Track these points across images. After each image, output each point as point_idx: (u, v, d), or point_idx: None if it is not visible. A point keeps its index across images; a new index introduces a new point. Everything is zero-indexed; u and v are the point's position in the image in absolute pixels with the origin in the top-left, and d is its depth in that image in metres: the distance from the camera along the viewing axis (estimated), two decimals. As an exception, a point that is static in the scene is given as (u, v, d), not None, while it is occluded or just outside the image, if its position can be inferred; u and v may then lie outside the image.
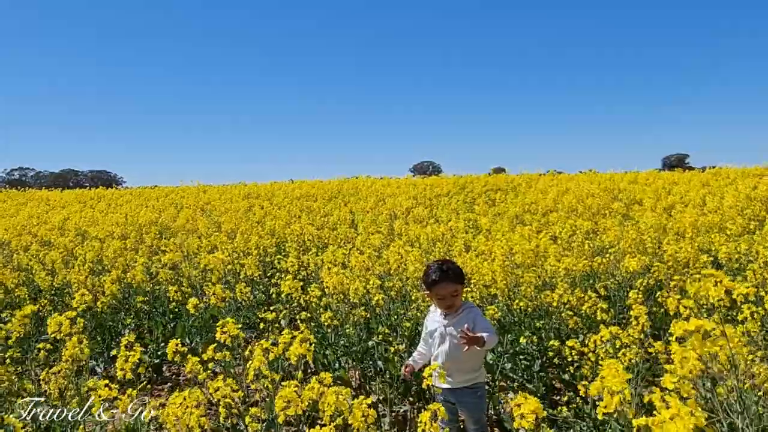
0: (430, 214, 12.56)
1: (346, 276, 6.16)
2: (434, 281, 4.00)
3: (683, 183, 15.19)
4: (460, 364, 4.07)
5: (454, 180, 20.18)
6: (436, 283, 4.00)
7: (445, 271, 4.01)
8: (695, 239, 6.02)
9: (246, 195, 18.02)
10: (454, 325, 4.05)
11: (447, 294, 4.01)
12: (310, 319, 6.11)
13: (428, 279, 4.05)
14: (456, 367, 4.06)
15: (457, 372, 4.08)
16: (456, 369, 4.06)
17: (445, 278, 3.99)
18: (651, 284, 5.64)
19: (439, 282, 3.99)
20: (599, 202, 10.94)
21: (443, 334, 4.12)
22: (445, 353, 4.11)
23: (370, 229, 9.96)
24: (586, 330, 5.88)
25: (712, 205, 10.20)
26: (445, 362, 4.10)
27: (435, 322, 4.20)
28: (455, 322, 4.06)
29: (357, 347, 5.76)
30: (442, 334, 4.13)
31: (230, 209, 13.36)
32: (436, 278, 3.99)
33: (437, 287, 4.01)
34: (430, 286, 4.04)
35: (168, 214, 13.04)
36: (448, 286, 3.97)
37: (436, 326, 4.17)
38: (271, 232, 10.29)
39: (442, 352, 4.13)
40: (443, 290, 4.01)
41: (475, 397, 4.18)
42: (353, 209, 13.29)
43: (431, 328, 4.22)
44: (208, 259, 6.21)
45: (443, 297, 4.04)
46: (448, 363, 4.05)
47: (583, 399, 4.85)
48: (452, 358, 4.07)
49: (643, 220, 6.69)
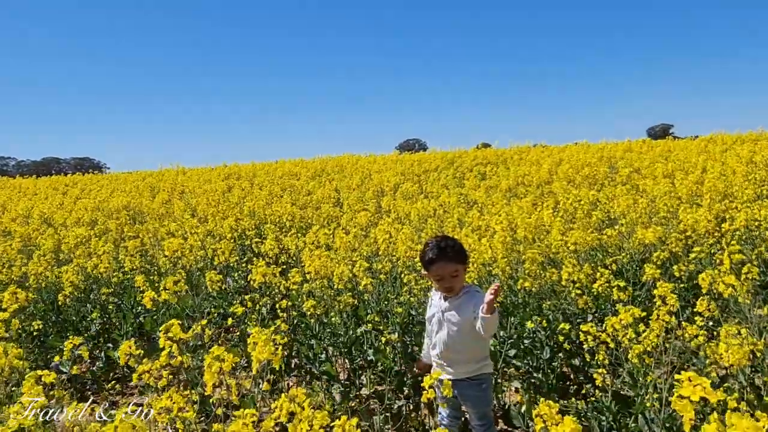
0: (420, 190, 11.96)
1: (330, 258, 5.55)
2: (431, 260, 3.49)
3: (679, 150, 14.68)
4: (460, 353, 3.61)
5: (442, 155, 19.49)
6: (433, 262, 3.49)
7: (443, 249, 3.49)
8: (713, 207, 5.45)
9: (226, 176, 17.29)
10: (454, 309, 3.56)
11: (446, 275, 3.50)
12: (291, 307, 5.51)
13: (425, 258, 3.55)
14: (456, 357, 3.62)
15: (458, 362, 3.63)
16: (456, 359, 3.63)
17: (443, 257, 3.48)
18: (665, 257, 5.07)
19: (436, 261, 3.48)
20: (597, 171, 10.39)
21: (440, 320, 3.63)
22: (442, 342, 3.61)
23: (356, 207, 9.33)
24: (594, 309, 5.32)
25: (715, 171, 9.66)
26: (443, 351, 3.62)
27: (433, 306, 3.71)
28: (455, 306, 3.56)
29: (344, 338, 5.17)
30: (439, 319, 3.64)
31: (208, 191, 12.66)
32: (434, 257, 3.48)
33: (435, 267, 3.50)
34: (427, 265, 3.54)
35: (142, 198, 12.34)
36: (446, 266, 3.49)
37: (434, 311, 3.67)
38: (251, 213, 9.63)
39: (439, 341, 3.64)
40: (441, 270, 3.49)
41: (480, 390, 3.68)
42: (338, 187, 12.64)
43: (429, 313, 3.75)
44: (167, 243, 5.54)
45: (441, 278, 3.52)
46: (447, 352, 3.62)
47: (599, 388, 4.31)
48: (451, 347, 3.60)
49: (657, 188, 6.13)
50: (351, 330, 5.30)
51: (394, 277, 5.44)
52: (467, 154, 19.89)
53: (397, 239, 5.37)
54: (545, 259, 5.42)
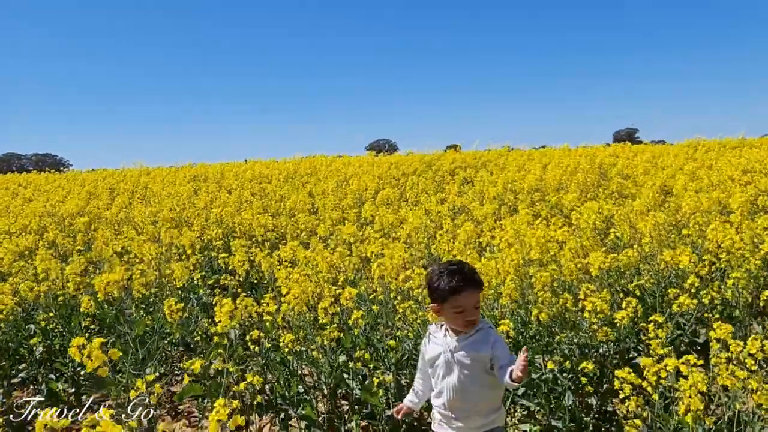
0: (400, 195, 11.23)
1: (311, 279, 4.78)
2: (456, 289, 2.81)
3: (665, 156, 14.22)
4: (472, 402, 2.94)
5: (419, 157, 18.79)
6: (459, 291, 2.82)
7: (470, 275, 2.87)
8: (746, 226, 4.83)
9: (192, 177, 16.28)
10: (466, 348, 2.89)
11: (469, 306, 2.86)
12: (265, 336, 4.71)
13: (442, 286, 2.85)
14: (467, 407, 2.94)
15: (470, 414, 2.95)
16: (467, 409, 2.94)
17: (470, 284, 2.85)
18: (698, 284, 4.41)
19: (464, 289, 2.82)
20: (588, 177, 9.80)
21: (450, 361, 2.92)
22: (452, 388, 2.92)
23: (334, 215, 8.55)
24: (616, 343, 4.64)
25: (714, 179, 9.14)
26: (452, 400, 2.93)
27: (437, 345, 2.99)
28: (468, 345, 2.90)
29: (328, 378, 4.39)
30: (448, 361, 2.92)
31: (173, 194, 11.72)
32: (460, 284, 2.81)
33: (460, 297, 2.83)
34: (448, 295, 2.84)
35: (99, 201, 11.35)
36: (473, 296, 2.87)
37: (440, 351, 2.96)
38: (218, 221, 8.78)
39: (448, 387, 2.93)
40: (466, 301, 2.84)
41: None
42: (313, 191, 11.82)
43: (432, 354, 3.00)
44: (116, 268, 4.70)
45: (463, 310, 2.85)
46: (457, 401, 2.93)
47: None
48: (463, 396, 2.92)
49: (685, 201, 5.50)
50: (335, 366, 4.53)
51: (387, 309, 4.67)
52: (445, 156, 19.23)
53: (387, 260, 4.59)
54: (557, 283, 4.72)
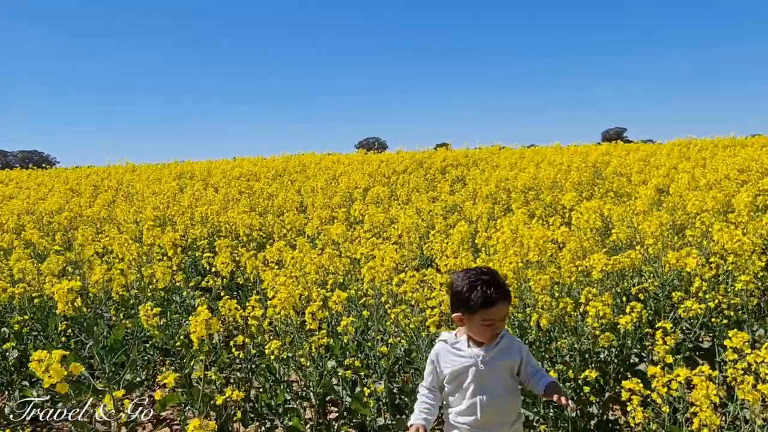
0: (391, 194, 10.98)
1: (299, 282, 4.53)
2: (491, 300, 2.62)
3: (658, 155, 14.08)
4: (503, 414, 2.79)
5: (410, 155, 18.55)
6: (493, 304, 2.63)
7: (504, 287, 2.69)
8: (752, 227, 4.64)
9: (178, 175, 15.95)
10: (497, 358, 2.74)
11: (499, 318, 2.69)
12: (250, 342, 4.46)
13: (474, 298, 2.64)
14: (498, 420, 2.77)
15: (499, 426, 2.78)
16: (498, 422, 2.77)
17: (504, 297, 2.68)
18: (705, 287, 4.20)
19: (497, 302, 2.64)
20: (585, 176, 9.60)
21: (481, 373, 2.72)
22: (486, 401, 2.72)
23: (322, 213, 8.29)
24: (618, 349, 4.43)
25: (711, 177, 8.97)
26: (487, 415, 2.72)
27: (461, 357, 2.76)
28: (498, 354, 2.74)
29: (316, 387, 4.15)
30: (479, 374, 2.72)
31: (158, 192, 11.41)
32: (496, 296, 2.63)
33: (491, 310, 2.64)
34: (479, 308, 2.64)
35: (81, 199, 11.01)
36: (504, 308, 2.71)
37: (467, 364, 2.74)
38: (203, 220, 8.49)
39: (482, 401, 2.72)
40: (498, 314, 2.67)
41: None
42: (302, 189, 11.55)
43: (455, 367, 2.77)
44: (96, 267, 4.42)
45: (492, 323, 2.67)
46: (489, 416, 2.73)
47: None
48: (495, 409, 2.74)
49: (691, 201, 5.30)
50: (323, 374, 4.29)
51: (379, 315, 4.43)
52: (436, 154, 19.01)
53: (377, 262, 4.34)
54: (557, 287, 4.50)
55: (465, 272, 2.78)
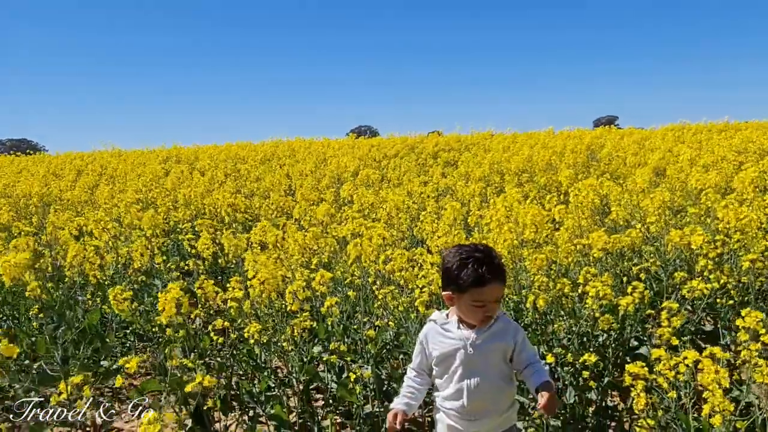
0: (381, 177, 10.72)
1: (282, 262, 4.28)
2: (483, 280, 2.40)
3: (653, 138, 13.87)
4: (493, 401, 2.58)
5: (402, 140, 18.27)
6: (485, 284, 2.41)
7: (498, 266, 2.46)
8: (758, 204, 4.41)
9: (165, 159, 15.62)
10: (488, 341, 2.53)
11: (492, 300, 2.47)
12: (230, 327, 4.21)
13: (464, 276, 2.43)
14: (488, 407, 2.57)
15: (489, 413, 2.58)
16: (488, 410, 2.57)
17: (498, 277, 2.45)
18: (711, 266, 3.98)
19: (489, 282, 2.42)
20: (580, 158, 9.38)
21: (472, 358, 2.52)
22: (476, 389, 2.52)
23: (310, 196, 8.03)
24: (618, 332, 4.21)
25: (708, 159, 8.76)
26: (475, 401, 2.53)
27: (450, 339, 2.57)
28: (490, 337, 2.53)
29: (300, 373, 3.90)
30: (470, 358, 2.52)
31: (143, 173, 11.08)
32: (489, 276, 2.41)
33: (482, 291, 2.43)
34: (469, 287, 2.43)
35: (62, 182, 10.68)
36: (497, 289, 2.48)
37: (456, 347, 2.54)
38: (187, 203, 8.20)
39: (470, 386, 2.53)
40: (490, 294, 2.45)
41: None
42: (290, 173, 11.25)
43: (444, 350, 2.58)
44: (71, 248, 4.14)
45: (484, 304, 2.45)
46: (478, 402, 2.54)
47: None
48: (484, 396, 2.54)
49: (694, 177, 5.08)
50: (307, 359, 4.05)
51: (364, 294, 4.19)
52: (428, 139, 18.74)
53: (365, 241, 4.09)
54: (554, 267, 4.28)
55: (458, 248, 2.56)
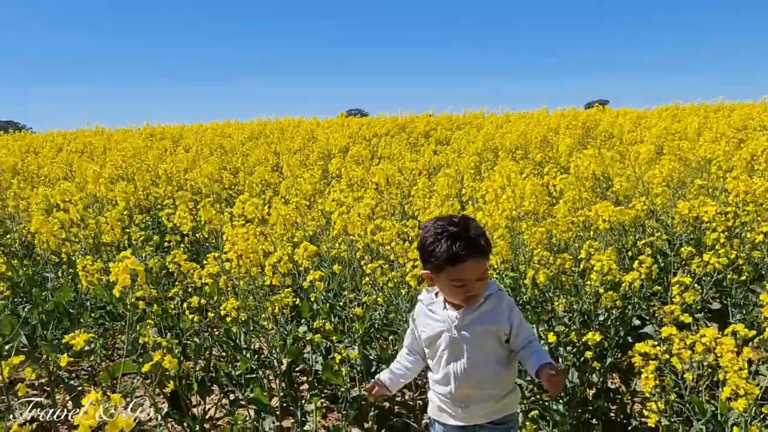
0: (372, 155, 10.40)
1: (264, 235, 3.97)
2: (457, 257, 2.13)
3: (649, 117, 13.61)
4: (484, 387, 2.33)
5: (393, 119, 17.90)
6: (459, 261, 2.14)
7: (475, 240, 2.16)
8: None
9: (149, 136, 15.21)
10: (475, 323, 2.28)
11: (472, 279, 2.19)
12: (205, 307, 3.92)
13: (438, 253, 2.17)
14: (477, 394, 2.33)
15: (479, 400, 2.34)
16: (477, 396, 2.34)
17: (476, 251, 2.16)
18: (722, 239, 3.72)
19: (466, 259, 2.14)
20: (576, 134, 9.10)
21: (456, 341, 2.30)
22: (462, 375, 2.30)
23: (298, 172, 7.72)
24: (621, 310, 3.94)
25: (707, 136, 8.51)
26: (460, 387, 2.30)
27: (437, 321, 2.35)
28: (477, 318, 2.28)
29: (281, 354, 3.62)
30: (454, 341, 2.30)
31: (124, 149, 10.68)
32: (462, 252, 2.13)
33: (459, 269, 2.16)
34: (444, 265, 2.17)
35: (40, 159, 10.29)
36: (477, 266, 2.18)
37: (440, 329, 2.33)
38: (168, 179, 7.87)
39: (456, 372, 2.31)
40: (469, 273, 2.17)
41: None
42: (278, 150, 10.90)
43: (430, 332, 2.37)
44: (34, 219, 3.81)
45: (464, 283, 2.19)
46: (469, 389, 2.32)
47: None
48: (474, 381, 2.31)
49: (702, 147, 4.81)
50: (290, 338, 3.77)
51: (351, 268, 3.90)
52: (419, 119, 18.36)
53: (359, 212, 3.80)
54: (554, 240, 4.01)
55: (434, 220, 2.30)
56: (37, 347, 4.73)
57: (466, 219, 2.27)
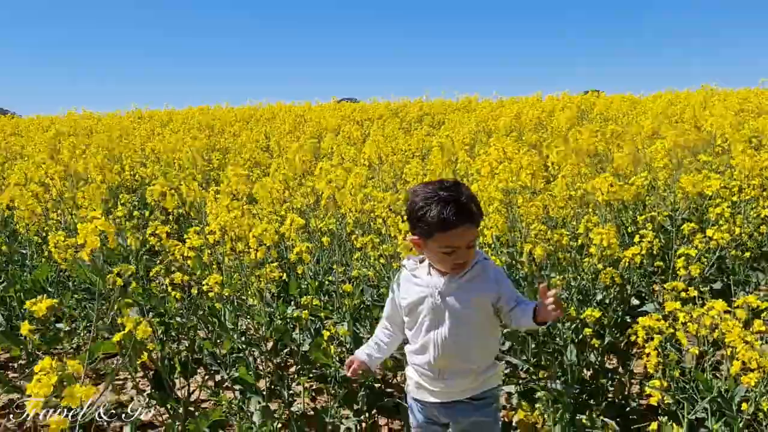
0: (364, 137, 10.22)
1: (250, 211, 3.81)
2: (447, 223, 2.04)
3: (645, 101, 13.51)
4: (465, 359, 2.24)
5: (385, 104, 17.70)
6: (450, 227, 2.05)
7: (465, 206, 2.07)
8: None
9: (137, 119, 14.93)
10: (460, 290, 2.18)
11: (462, 246, 2.10)
12: (189, 284, 3.76)
13: (429, 218, 2.07)
14: (458, 366, 2.24)
15: (460, 373, 2.25)
16: (458, 368, 2.24)
17: (466, 218, 2.08)
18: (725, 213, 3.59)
19: (457, 225, 2.05)
20: (571, 115, 8.95)
21: (439, 308, 2.20)
22: (442, 343, 2.20)
23: (289, 152, 7.54)
24: (620, 287, 3.81)
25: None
26: (442, 357, 2.21)
27: (419, 287, 2.25)
28: (463, 286, 2.18)
29: (267, 331, 3.47)
30: (436, 308, 2.21)
31: (111, 128, 10.47)
32: (452, 218, 2.04)
33: (450, 235, 2.07)
34: (434, 231, 2.08)
35: (23, 140, 10.07)
36: (468, 233, 2.11)
37: (423, 294, 2.23)
38: (156, 158, 7.68)
39: (436, 342, 2.21)
40: (459, 240, 2.09)
41: (487, 414, 2.31)
42: (268, 132, 10.70)
43: (412, 297, 2.27)
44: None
45: (453, 250, 2.10)
46: (449, 359, 2.22)
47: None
48: (457, 351, 2.21)
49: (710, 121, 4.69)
50: (277, 315, 3.61)
51: (340, 242, 3.74)
52: (412, 104, 18.17)
53: (350, 184, 3.64)
54: (553, 213, 3.87)
55: (424, 185, 2.20)
56: (15, 327, 4.57)
57: (457, 184, 2.18)
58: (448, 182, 2.17)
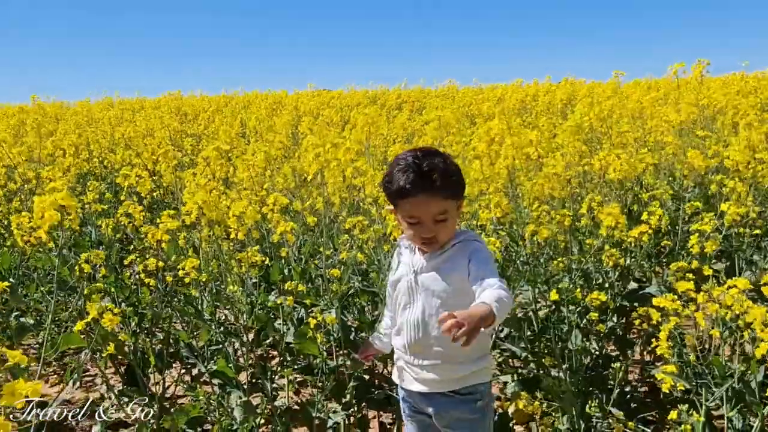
0: (344, 122, 9.96)
1: (228, 196, 3.53)
2: (403, 191, 1.95)
3: (626, 88, 13.38)
4: (440, 345, 2.05)
5: (363, 92, 17.43)
6: (406, 195, 1.95)
7: (426, 174, 1.93)
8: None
9: (107, 107, 14.47)
10: (436, 269, 2.05)
11: (427, 218, 1.98)
12: (163, 270, 3.47)
13: (391, 185, 2.00)
14: (434, 353, 2.08)
15: (435, 360, 2.08)
16: (434, 354, 2.08)
17: (424, 187, 1.93)
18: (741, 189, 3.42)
19: (412, 193, 1.94)
20: (565, 94, 8.81)
21: (412, 287, 2.09)
22: (415, 324, 2.07)
23: (266, 137, 7.26)
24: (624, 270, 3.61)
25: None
26: (416, 341, 2.08)
27: (402, 264, 2.17)
28: (439, 265, 2.05)
29: (249, 320, 3.20)
30: (410, 287, 2.09)
31: (78, 114, 10.06)
32: (407, 186, 1.93)
33: (409, 204, 1.97)
34: (394, 198, 2.02)
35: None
36: (429, 203, 1.96)
37: (402, 272, 2.14)
38: (127, 144, 7.32)
39: (409, 322, 2.09)
40: (419, 210, 1.97)
41: (473, 412, 2.11)
42: (244, 119, 10.38)
43: (395, 276, 2.18)
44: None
45: (417, 222, 1.99)
46: (419, 346, 2.09)
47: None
48: (427, 333, 2.06)
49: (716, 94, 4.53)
50: (259, 303, 3.35)
51: (329, 222, 3.48)
52: (391, 92, 17.93)
53: (332, 163, 3.38)
54: (556, 192, 3.67)
55: (404, 152, 2.08)
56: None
57: (428, 152, 2.01)
58: (423, 150, 2.03)
